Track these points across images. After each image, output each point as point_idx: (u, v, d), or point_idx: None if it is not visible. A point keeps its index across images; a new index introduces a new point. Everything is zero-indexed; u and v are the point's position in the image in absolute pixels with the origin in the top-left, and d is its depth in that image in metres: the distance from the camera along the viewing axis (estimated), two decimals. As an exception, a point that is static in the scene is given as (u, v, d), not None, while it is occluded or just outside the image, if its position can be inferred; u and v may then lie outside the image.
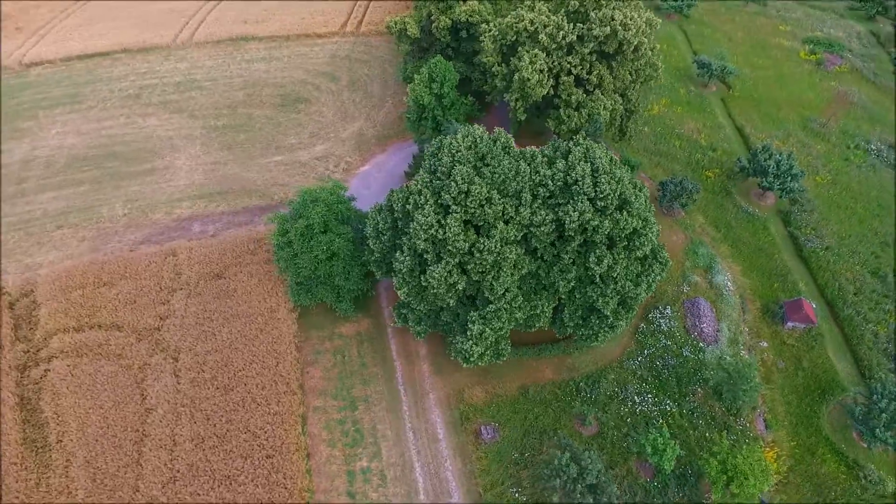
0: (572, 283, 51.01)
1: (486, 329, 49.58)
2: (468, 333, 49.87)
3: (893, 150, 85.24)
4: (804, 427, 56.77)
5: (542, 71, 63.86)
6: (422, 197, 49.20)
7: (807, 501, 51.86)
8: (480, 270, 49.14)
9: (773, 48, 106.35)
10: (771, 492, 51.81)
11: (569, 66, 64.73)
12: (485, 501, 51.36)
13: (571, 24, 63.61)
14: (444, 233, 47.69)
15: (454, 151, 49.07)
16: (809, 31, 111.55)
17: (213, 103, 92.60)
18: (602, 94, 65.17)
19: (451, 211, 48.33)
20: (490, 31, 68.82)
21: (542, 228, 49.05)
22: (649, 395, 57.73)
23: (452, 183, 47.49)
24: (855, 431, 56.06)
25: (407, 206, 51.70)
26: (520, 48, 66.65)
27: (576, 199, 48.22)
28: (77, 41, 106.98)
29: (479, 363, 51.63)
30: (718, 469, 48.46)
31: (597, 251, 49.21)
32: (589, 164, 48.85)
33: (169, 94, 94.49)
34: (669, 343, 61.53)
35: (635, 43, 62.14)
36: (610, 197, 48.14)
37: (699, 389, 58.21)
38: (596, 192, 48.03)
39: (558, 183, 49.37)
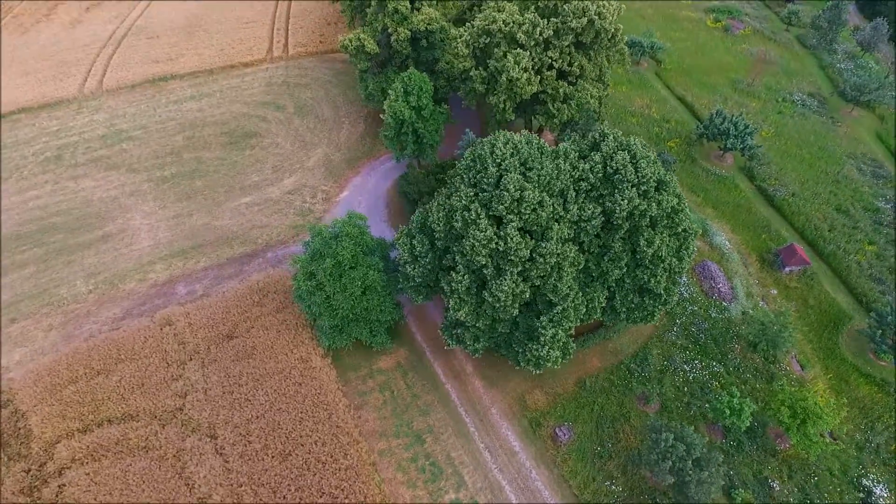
0: (624, 270, 51.86)
1: (559, 331, 49.21)
2: (542, 339, 49.15)
3: (815, 99, 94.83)
4: (831, 360, 61.70)
5: (526, 69, 64.19)
6: (472, 212, 47.68)
7: (858, 425, 56.45)
8: (541, 275, 48.62)
9: (683, 20, 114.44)
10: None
11: (549, 60, 65.54)
12: (584, 502, 51.04)
13: (546, 20, 64.41)
14: (506, 244, 46.65)
15: (499, 161, 47.99)
16: (708, 1, 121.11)
17: (152, 153, 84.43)
18: (586, 84, 66.65)
19: (505, 221, 47.32)
20: (462, 35, 68.08)
21: (592, 222, 49.39)
22: (696, 362, 60.10)
23: (505, 193, 46.45)
24: (870, 352, 61.78)
25: (452, 223, 49.97)
26: (496, 49, 66.50)
27: (620, 187, 48.93)
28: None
29: (555, 366, 51.10)
30: (789, 415, 51.34)
31: (645, 234, 50.28)
32: (626, 151, 49.76)
33: (96, 150, 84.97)
34: (696, 308, 64.41)
35: (612, 30, 64.17)
36: (651, 180, 49.34)
37: (736, 346, 61.48)
38: (638, 177, 49.02)
39: (598, 175, 49.87)
